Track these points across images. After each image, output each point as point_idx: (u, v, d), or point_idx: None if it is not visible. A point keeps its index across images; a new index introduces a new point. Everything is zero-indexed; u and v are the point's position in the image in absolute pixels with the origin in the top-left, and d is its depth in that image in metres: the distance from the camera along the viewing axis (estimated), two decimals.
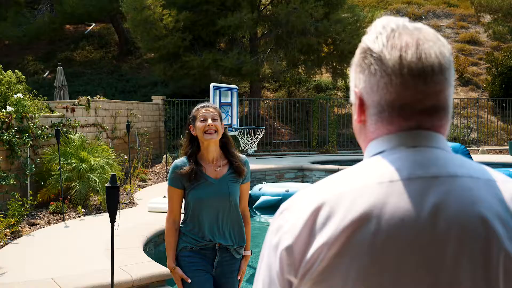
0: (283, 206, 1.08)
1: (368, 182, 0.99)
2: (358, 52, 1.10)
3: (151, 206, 9.16)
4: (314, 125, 18.34)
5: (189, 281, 3.24)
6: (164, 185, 12.71)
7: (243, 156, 3.58)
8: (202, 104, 3.52)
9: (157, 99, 17.14)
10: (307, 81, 22.06)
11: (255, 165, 13.85)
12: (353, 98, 1.11)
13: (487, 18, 26.88)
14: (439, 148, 1.03)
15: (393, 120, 1.03)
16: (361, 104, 1.07)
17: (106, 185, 3.13)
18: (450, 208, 0.96)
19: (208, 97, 18.63)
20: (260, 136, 10.54)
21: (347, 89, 22.15)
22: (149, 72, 22.34)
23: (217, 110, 3.50)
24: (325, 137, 18.60)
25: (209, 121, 3.34)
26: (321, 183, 1.05)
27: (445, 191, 0.97)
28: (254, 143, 10.12)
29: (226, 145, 3.51)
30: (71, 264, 5.98)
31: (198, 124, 3.38)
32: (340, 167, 13.46)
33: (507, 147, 18.80)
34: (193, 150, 3.43)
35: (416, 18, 29.20)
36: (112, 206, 3.22)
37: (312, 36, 17.50)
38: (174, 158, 14.94)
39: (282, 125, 19.30)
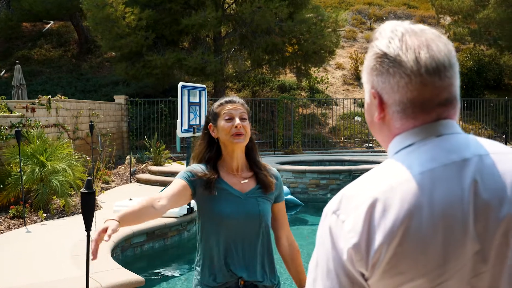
0: (340, 198, 1.17)
1: (412, 174, 1.10)
2: (371, 57, 1.21)
3: (116, 209, 8.85)
4: (279, 125, 18.25)
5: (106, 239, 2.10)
6: (129, 187, 12.42)
7: (274, 169, 2.91)
8: (227, 99, 2.73)
9: (120, 99, 16.76)
10: (271, 81, 21.97)
11: None
12: (368, 98, 1.23)
13: (447, 19, 27.34)
14: (458, 133, 1.17)
15: (416, 115, 1.16)
16: (381, 102, 1.19)
17: (81, 190, 2.90)
18: (485, 184, 1.10)
19: (172, 96, 18.45)
20: None
21: (311, 89, 22.17)
22: (110, 71, 21.87)
23: (245, 106, 2.73)
24: (290, 137, 18.54)
25: (237, 120, 2.62)
26: (369, 178, 1.15)
27: (477, 170, 1.11)
28: None
29: (251, 152, 2.78)
30: (36, 272, 5.69)
31: (223, 123, 2.64)
32: (307, 167, 13.40)
33: None
34: (212, 156, 2.70)
35: (377, 19, 29.49)
36: (87, 213, 2.98)
37: (277, 36, 17.42)
38: (137, 159, 14.63)
39: None
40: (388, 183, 1.10)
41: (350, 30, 26.99)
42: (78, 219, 8.69)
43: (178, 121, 8.27)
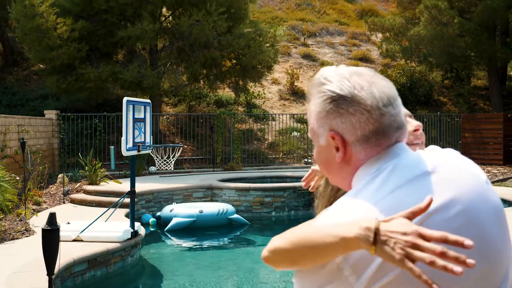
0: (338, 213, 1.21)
1: (382, 195, 1.19)
2: (324, 102, 1.28)
3: None
4: (218, 141, 17.83)
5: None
6: (63, 208, 11.61)
7: None
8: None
9: (51, 114, 15.84)
10: (207, 96, 21.55)
11: (160, 184, 13.10)
12: (324, 141, 1.30)
13: (378, 36, 27.88)
14: (409, 152, 1.28)
15: (380, 142, 1.26)
16: (344, 142, 1.27)
17: (42, 227, 2.40)
18: (457, 187, 1.23)
19: (105, 111, 17.68)
20: (178, 154, 9.87)
21: (248, 104, 21.90)
22: (38, 85, 20.77)
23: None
24: (229, 153, 18.14)
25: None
26: (349, 204, 1.21)
27: (439, 180, 1.22)
28: (171, 162, 9.43)
29: None
30: None
31: None
32: (251, 185, 13.05)
33: None
34: None
35: (310, 35, 29.74)
36: (50, 254, 2.46)
37: (215, 50, 17.05)
38: (70, 178, 13.81)
39: (184, 141, 18.61)
40: (365, 208, 1.17)
41: (284, 46, 27.00)
42: (10, 246, 7.95)
43: (123, 138, 7.73)
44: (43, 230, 2.40)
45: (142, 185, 12.21)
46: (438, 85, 25.90)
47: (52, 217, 2.46)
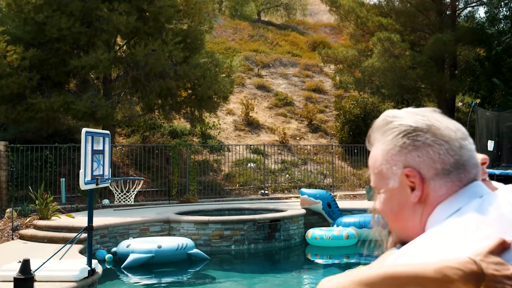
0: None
1: (477, 238, 1.07)
2: (398, 137, 1.18)
3: (3, 274, 7.65)
4: (174, 173, 17.45)
5: None
6: (12, 245, 11.00)
7: None
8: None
9: None
10: (161, 126, 21.19)
11: (115, 218, 12.62)
12: (396, 182, 1.18)
13: (331, 68, 28.25)
14: (491, 193, 1.18)
15: (461, 177, 1.17)
16: (421, 178, 1.16)
17: (14, 276, 2.10)
18: None
19: (56, 142, 17.06)
20: (139, 187, 9.49)
21: (203, 135, 21.64)
22: None
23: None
24: (185, 185, 17.77)
25: None
26: (436, 245, 1.07)
27: None
28: (131, 195, 9.05)
29: None
30: None
31: None
32: (210, 218, 12.73)
33: (360, 192, 19.40)
34: None
35: (264, 65, 29.88)
36: None
37: (171, 80, 16.80)
38: (19, 213, 13.15)
39: (138, 173, 18.14)
40: (460, 247, 1.06)
41: (238, 76, 26.96)
42: None
43: (81, 171, 7.35)
44: (15, 279, 2.10)
45: (96, 219, 11.67)
46: None
47: (25, 265, 2.16)
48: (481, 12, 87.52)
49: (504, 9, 21.85)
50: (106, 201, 15.45)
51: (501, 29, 21.58)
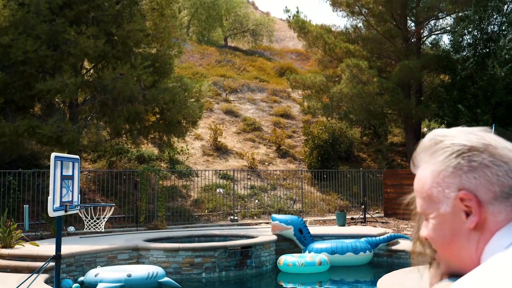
0: None
1: None
2: (449, 157, 1.09)
3: None
4: (142, 199, 17.09)
5: None
6: None
7: None
8: None
9: None
10: (129, 152, 20.83)
11: (81, 246, 12.21)
12: (448, 207, 1.08)
13: (298, 93, 28.39)
14: None
15: None
16: (479, 203, 1.06)
17: None
18: None
19: (19, 167, 16.56)
20: (110, 213, 9.19)
21: (171, 160, 21.35)
22: None
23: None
24: (153, 211, 17.41)
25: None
26: (503, 278, 0.95)
27: None
28: (102, 222, 8.75)
29: None
30: None
31: None
32: (180, 245, 12.43)
33: (329, 218, 19.33)
34: None
35: (232, 91, 29.85)
36: None
37: (140, 104, 16.55)
38: None
39: (104, 199, 17.72)
40: None
41: (207, 101, 26.86)
42: None
43: (50, 197, 7.06)
44: None
45: (62, 247, 11.26)
46: (357, 142, 26.51)
47: None
48: (445, 39, 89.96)
49: (468, 37, 22.35)
50: (71, 228, 15.00)
51: (465, 57, 22.05)
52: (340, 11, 24.16)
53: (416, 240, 1.23)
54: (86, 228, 8.58)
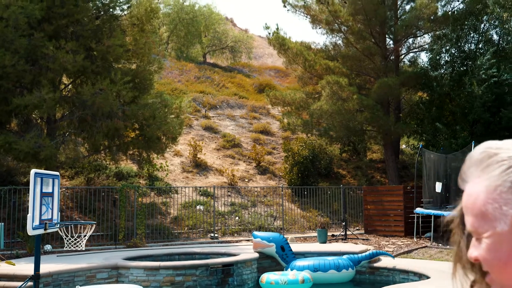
0: None
1: None
2: (505, 171, 1.01)
3: None
4: (121, 216, 16.80)
5: None
6: None
7: None
8: None
9: None
10: (107, 168, 20.53)
11: (59, 265, 11.92)
12: (507, 224, 0.99)
13: (278, 110, 28.39)
14: None
15: None
16: None
17: None
18: None
19: None
20: (91, 232, 8.96)
21: (150, 176, 21.09)
22: None
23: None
24: (132, 229, 17.12)
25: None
26: None
27: None
28: (82, 241, 8.52)
29: None
30: None
31: None
32: (161, 263, 12.20)
33: (310, 235, 19.23)
34: None
35: (211, 107, 29.74)
36: None
37: (119, 120, 16.34)
38: None
39: (82, 216, 17.39)
40: None
41: (186, 117, 26.70)
42: None
43: (29, 215, 6.84)
44: None
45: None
46: (337, 158, 26.54)
47: None
48: (423, 57, 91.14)
49: (446, 55, 22.59)
50: (48, 247, 14.66)
51: (443, 74, 22.27)
52: (319, 28, 24.28)
53: (457, 261, 1.14)
54: (66, 247, 8.35)
